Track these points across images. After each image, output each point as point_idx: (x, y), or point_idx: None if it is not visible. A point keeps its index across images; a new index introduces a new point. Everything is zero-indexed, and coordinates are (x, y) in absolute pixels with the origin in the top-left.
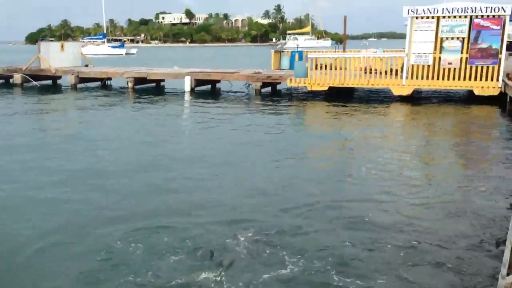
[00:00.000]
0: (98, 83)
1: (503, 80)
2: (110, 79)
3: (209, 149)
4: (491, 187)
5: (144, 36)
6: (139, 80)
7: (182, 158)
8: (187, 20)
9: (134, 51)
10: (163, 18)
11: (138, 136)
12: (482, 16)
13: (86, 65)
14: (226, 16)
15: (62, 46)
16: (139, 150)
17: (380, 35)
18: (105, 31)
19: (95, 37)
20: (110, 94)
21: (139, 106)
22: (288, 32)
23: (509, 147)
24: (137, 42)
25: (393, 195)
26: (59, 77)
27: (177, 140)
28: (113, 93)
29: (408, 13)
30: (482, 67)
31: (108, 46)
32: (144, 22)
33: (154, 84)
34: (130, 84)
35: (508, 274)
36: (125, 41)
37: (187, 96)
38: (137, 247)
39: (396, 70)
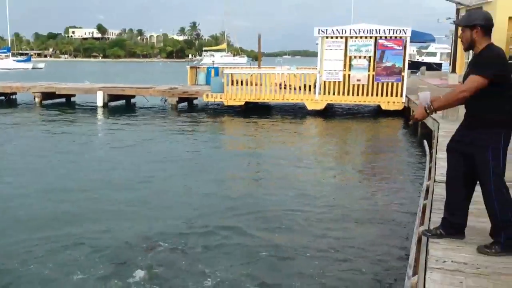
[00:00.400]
0: (2, 98)
1: (406, 96)
2: (15, 93)
3: (121, 167)
4: (397, 196)
5: (52, 51)
6: (47, 95)
7: (93, 179)
8: (99, 35)
9: (41, 65)
10: (73, 32)
11: (47, 155)
12: (386, 37)
13: None
14: (140, 32)
15: None
16: (46, 171)
17: (294, 53)
18: (9, 45)
19: None
20: (14, 110)
21: (46, 122)
22: (204, 48)
23: (411, 157)
24: (45, 56)
25: (305, 205)
26: None
27: (85, 161)
28: (18, 109)
29: (318, 33)
30: (387, 84)
31: (13, 60)
32: (53, 36)
33: (64, 100)
34: (37, 99)
35: (413, 274)
36: (31, 55)
37: (100, 112)
38: (46, 265)
39: (310, 86)
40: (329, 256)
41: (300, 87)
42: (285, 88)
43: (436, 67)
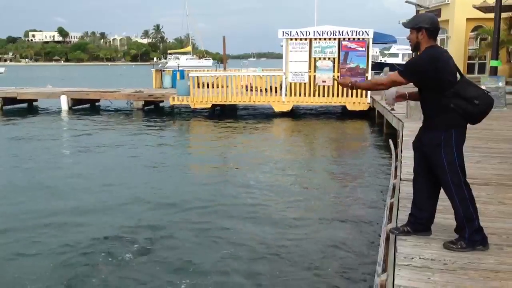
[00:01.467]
0: None
1: (371, 97)
2: None
3: (88, 172)
4: (364, 195)
5: (12, 55)
6: (8, 100)
7: (61, 184)
8: (60, 39)
9: (1, 70)
10: (33, 36)
11: (11, 161)
12: (349, 38)
13: None
14: (103, 35)
15: None
16: (12, 177)
17: (259, 55)
18: None
19: None
20: None
21: (8, 128)
22: (169, 51)
23: (377, 156)
24: (5, 60)
25: (272, 206)
26: None
27: (52, 165)
28: None
29: (283, 35)
30: None
31: None
32: (12, 39)
33: (25, 105)
34: None
35: (383, 272)
36: None
37: (64, 115)
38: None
39: (276, 88)
40: (297, 256)
41: (266, 89)
42: (251, 90)
43: (399, 67)
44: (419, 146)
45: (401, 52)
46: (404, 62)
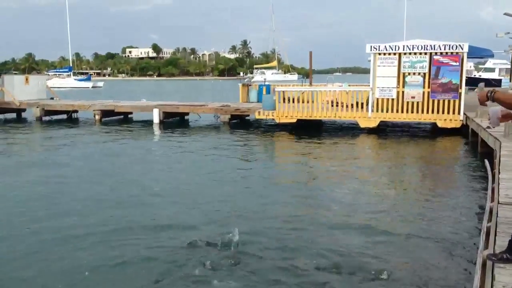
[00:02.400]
0: (64, 116)
1: (464, 113)
2: (76, 111)
3: (181, 182)
4: (457, 218)
5: (110, 70)
6: (106, 113)
7: (156, 193)
8: (154, 54)
9: (100, 84)
10: (130, 52)
11: (110, 170)
12: (441, 53)
13: (52, 98)
14: (193, 51)
15: (26, 79)
16: (109, 186)
17: (344, 70)
18: (71, 64)
19: (60, 70)
20: (77, 127)
21: (107, 139)
22: (255, 66)
23: (471, 177)
24: (104, 75)
25: (364, 225)
26: (24, 110)
27: (148, 175)
28: (80, 126)
29: (371, 50)
30: (443, 101)
31: (74, 79)
32: (111, 56)
33: (122, 117)
34: (97, 117)
35: None
36: (91, 74)
37: (156, 128)
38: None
39: (362, 103)
40: (385, 276)
41: (352, 104)
42: (337, 105)
43: (495, 83)
44: None
45: (497, 66)
46: (502, 77)
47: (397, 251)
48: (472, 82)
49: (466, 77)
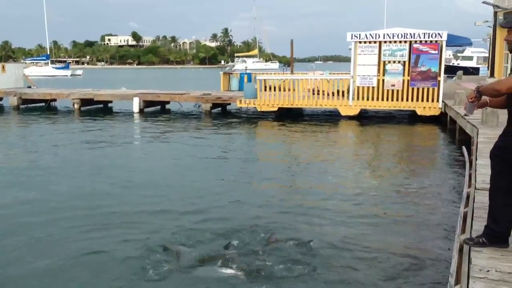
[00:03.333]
0: (42, 104)
1: (443, 101)
2: (55, 100)
3: (160, 171)
4: (436, 203)
5: (89, 58)
6: (85, 102)
7: (135, 182)
8: (134, 43)
9: (80, 72)
10: (109, 40)
11: (89, 159)
12: (421, 41)
13: (29, 87)
14: (174, 39)
15: (3, 67)
16: (85, 176)
17: (325, 59)
18: (48, 53)
19: (38, 59)
20: (55, 116)
21: (87, 127)
22: (236, 54)
23: (450, 163)
24: (83, 63)
25: (341, 210)
26: (1, 99)
27: (128, 163)
28: (59, 114)
29: (351, 38)
30: (423, 89)
31: (52, 68)
32: (89, 43)
33: (101, 106)
34: (76, 106)
35: (456, 284)
36: (69, 62)
37: (136, 117)
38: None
39: (343, 92)
40: (364, 261)
41: (333, 93)
42: (318, 93)
43: (473, 71)
44: (501, 154)
45: (475, 55)
46: (479, 66)
47: (375, 235)
48: (451, 70)
49: (445, 65)
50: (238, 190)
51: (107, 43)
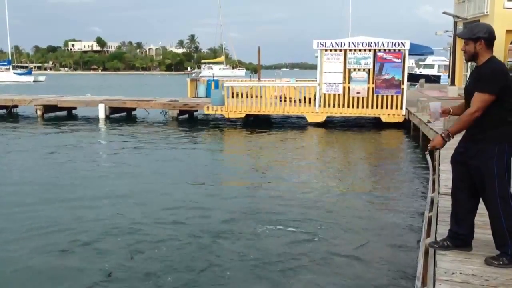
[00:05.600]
0: (4, 111)
1: (406, 108)
2: (16, 106)
3: (123, 179)
4: (401, 208)
5: (52, 64)
6: (48, 108)
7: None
8: (98, 48)
9: (42, 78)
10: (72, 45)
11: (47, 168)
12: (385, 50)
13: None
14: (139, 45)
15: None
16: (44, 184)
17: (292, 66)
18: (10, 58)
19: None
20: (17, 123)
21: (49, 134)
22: (203, 61)
23: (414, 169)
24: (45, 69)
25: (308, 219)
26: None
27: (89, 174)
28: (20, 121)
29: (317, 46)
30: (387, 97)
31: (14, 73)
32: (52, 49)
33: (65, 112)
34: (39, 112)
35: (422, 286)
36: (32, 68)
37: (101, 124)
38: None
39: (310, 99)
40: (331, 266)
41: (300, 100)
42: (285, 100)
43: (435, 79)
44: (462, 159)
45: (437, 63)
46: (440, 74)
47: (341, 241)
48: (414, 78)
49: (408, 73)
50: (198, 195)
51: (71, 49)
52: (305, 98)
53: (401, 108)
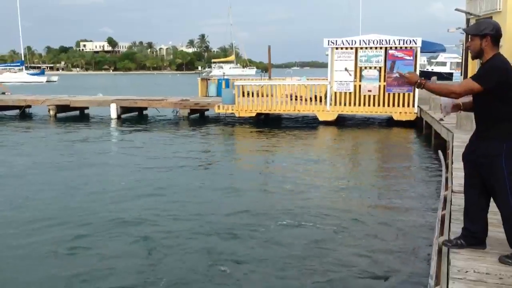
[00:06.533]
0: (17, 111)
1: (418, 106)
2: (29, 107)
3: (138, 178)
4: (414, 207)
5: (64, 64)
6: (61, 108)
7: (112, 190)
8: (109, 48)
9: (55, 78)
10: (84, 45)
11: (61, 167)
12: (396, 47)
13: (3, 93)
14: (150, 45)
15: None
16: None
17: (302, 64)
18: (22, 59)
19: (12, 65)
20: (30, 123)
21: (62, 134)
22: (213, 60)
23: (426, 167)
24: (57, 69)
25: (320, 217)
26: None
27: (103, 172)
28: (33, 121)
29: (328, 44)
30: (399, 94)
31: (27, 74)
32: (64, 49)
33: (77, 112)
34: (52, 112)
35: (436, 285)
36: (44, 68)
37: (113, 124)
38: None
39: (320, 97)
40: (343, 264)
41: (311, 98)
42: (296, 99)
43: (447, 76)
44: (472, 157)
45: (449, 60)
46: (452, 71)
47: (355, 239)
48: (425, 76)
49: (420, 70)
50: (211, 194)
51: (82, 49)
52: (316, 97)
53: (413, 106)
